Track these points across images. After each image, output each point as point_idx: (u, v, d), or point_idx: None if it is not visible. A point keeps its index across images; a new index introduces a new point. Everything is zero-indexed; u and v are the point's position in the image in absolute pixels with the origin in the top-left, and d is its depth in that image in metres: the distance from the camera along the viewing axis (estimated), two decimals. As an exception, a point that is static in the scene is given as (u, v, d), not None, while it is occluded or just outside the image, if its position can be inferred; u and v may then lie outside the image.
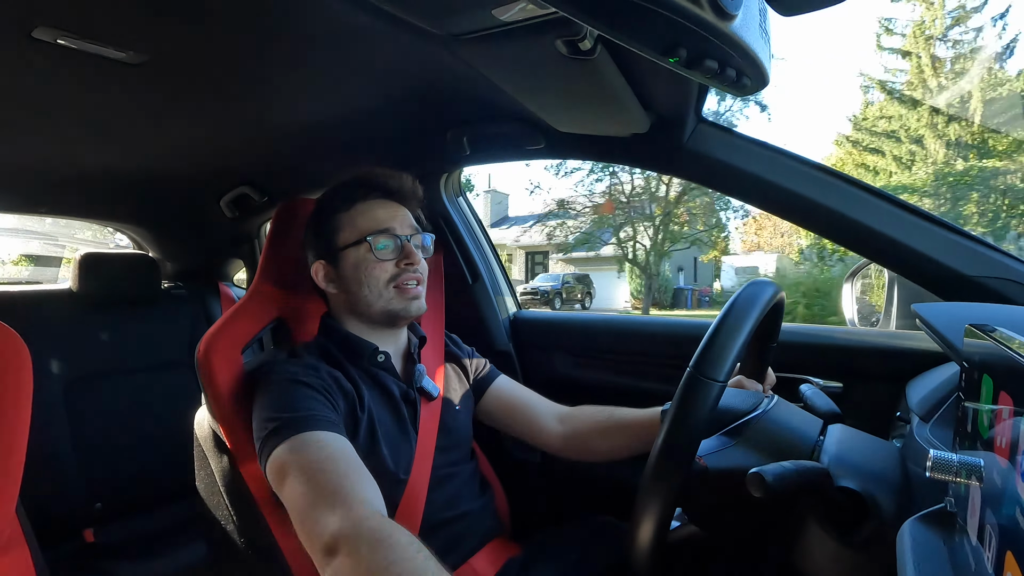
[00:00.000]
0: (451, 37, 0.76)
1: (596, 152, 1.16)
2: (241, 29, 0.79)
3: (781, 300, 0.75)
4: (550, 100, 0.96)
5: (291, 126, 1.22)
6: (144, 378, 1.68)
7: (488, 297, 1.45)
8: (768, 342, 0.85)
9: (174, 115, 1.14)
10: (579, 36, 0.70)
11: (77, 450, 1.51)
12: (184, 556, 1.46)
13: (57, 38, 0.76)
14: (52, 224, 4.39)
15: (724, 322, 0.62)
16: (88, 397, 1.56)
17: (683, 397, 0.59)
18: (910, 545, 0.43)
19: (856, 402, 1.01)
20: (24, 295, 1.63)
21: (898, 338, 1.02)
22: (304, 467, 0.70)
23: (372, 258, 0.90)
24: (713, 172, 1.03)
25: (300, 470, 0.70)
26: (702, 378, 0.59)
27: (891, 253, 0.93)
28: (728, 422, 0.68)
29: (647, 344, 1.29)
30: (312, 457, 0.71)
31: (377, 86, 1.02)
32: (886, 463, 0.63)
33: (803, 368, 1.07)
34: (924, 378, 0.86)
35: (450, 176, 1.41)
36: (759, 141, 1.01)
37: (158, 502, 1.63)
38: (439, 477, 0.92)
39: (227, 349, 0.91)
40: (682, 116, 0.98)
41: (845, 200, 0.94)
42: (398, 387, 0.93)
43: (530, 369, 1.44)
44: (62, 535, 1.48)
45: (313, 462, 0.70)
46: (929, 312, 0.74)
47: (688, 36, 0.51)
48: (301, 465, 0.70)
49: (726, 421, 0.68)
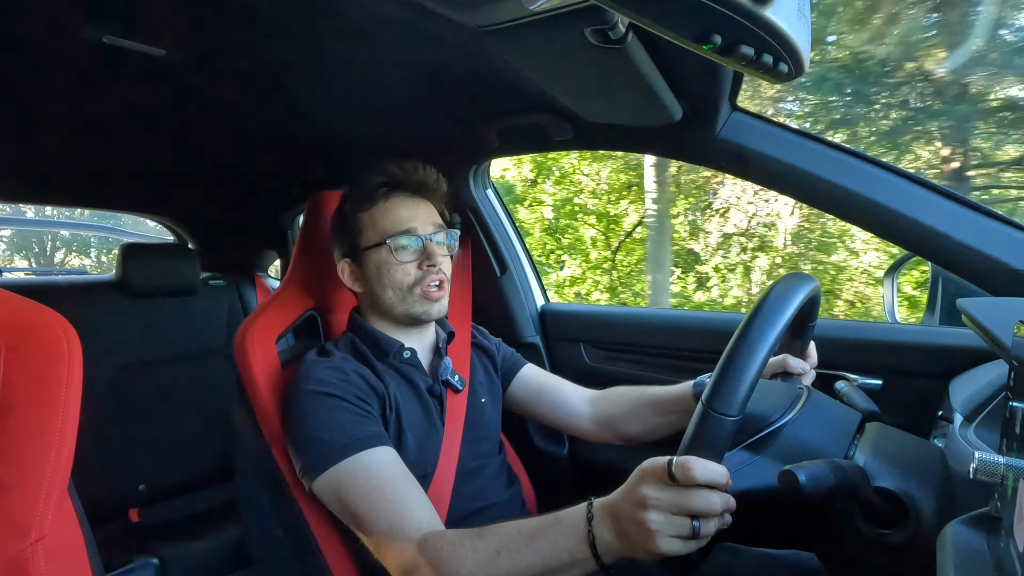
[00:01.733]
0: (480, 28, 0.75)
1: (626, 142, 1.14)
2: (276, 24, 0.81)
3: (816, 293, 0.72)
4: (580, 90, 0.95)
5: (324, 119, 1.24)
6: (185, 366, 1.74)
7: (516, 289, 1.45)
8: (807, 322, 0.82)
9: (211, 110, 1.17)
10: (609, 24, 0.69)
11: (122, 435, 1.58)
12: (222, 537, 1.52)
13: (103, 37, 0.78)
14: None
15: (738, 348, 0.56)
16: (132, 384, 1.62)
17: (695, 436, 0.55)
18: (952, 549, 0.41)
19: (895, 400, 0.98)
20: (71, 285, 1.71)
21: (942, 334, 0.98)
22: (352, 504, 0.74)
23: (393, 261, 0.89)
24: (747, 162, 1.00)
25: (348, 506, 0.74)
26: (714, 414, 0.54)
27: (936, 246, 0.89)
28: (753, 431, 0.65)
29: (677, 338, 1.27)
30: (357, 492, 0.74)
31: (408, 79, 1.03)
32: (927, 464, 0.61)
33: (840, 364, 1.04)
34: (969, 376, 0.83)
35: (479, 168, 1.41)
36: (797, 130, 0.98)
37: (198, 485, 1.69)
38: (466, 469, 0.92)
39: (262, 339, 0.93)
40: (715, 105, 0.96)
41: (887, 190, 0.91)
42: (424, 381, 0.94)
43: (558, 362, 1.44)
44: (110, 514, 1.55)
45: (360, 499, 0.73)
46: (976, 307, 0.70)
47: (723, 22, 0.50)
48: (348, 501, 0.74)
49: (751, 430, 0.65)
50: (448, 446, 0.92)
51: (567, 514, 0.61)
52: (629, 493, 0.56)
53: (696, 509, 0.53)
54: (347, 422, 0.79)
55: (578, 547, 0.59)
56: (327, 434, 0.77)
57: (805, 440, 0.64)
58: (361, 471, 0.74)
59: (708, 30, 0.52)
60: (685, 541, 0.53)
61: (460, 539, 0.66)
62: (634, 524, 0.54)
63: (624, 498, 0.57)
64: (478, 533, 0.65)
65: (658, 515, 0.53)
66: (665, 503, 0.53)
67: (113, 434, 1.56)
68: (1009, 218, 0.87)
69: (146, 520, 1.60)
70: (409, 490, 0.74)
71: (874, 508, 0.57)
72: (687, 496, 0.53)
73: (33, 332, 0.64)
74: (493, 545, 0.63)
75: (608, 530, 0.58)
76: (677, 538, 0.53)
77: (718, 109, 0.97)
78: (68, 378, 0.64)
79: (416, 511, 0.72)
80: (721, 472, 0.53)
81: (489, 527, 0.65)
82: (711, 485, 0.53)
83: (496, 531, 0.64)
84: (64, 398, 0.63)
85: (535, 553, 0.60)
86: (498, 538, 0.63)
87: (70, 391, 0.64)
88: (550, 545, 0.60)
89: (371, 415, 0.82)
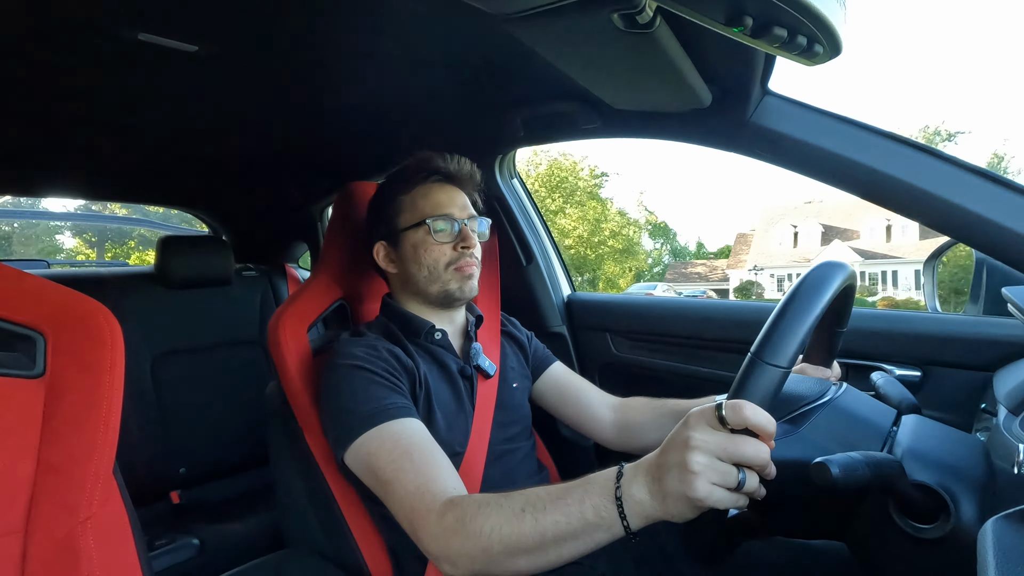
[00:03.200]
0: (505, 16, 0.75)
1: (654, 130, 1.12)
2: (304, 18, 0.82)
3: (853, 282, 0.71)
4: (606, 77, 0.94)
5: (352, 111, 1.26)
6: (220, 354, 1.80)
7: (542, 279, 1.45)
8: (836, 327, 0.80)
9: (242, 104, 1.19)
10: (637, 9, 0.68)
11: (163, 420, 1.64)
12: (259, 519, 1.57)
13: (138, 35, 0.81)
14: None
15: (791, 303, 0.57)
16: (171, 371, 1.68)
17: (741, 384, 0.55)
18: (993, 545, 0.40)
19: (935, 392, 0.95)
20: (112, 275, 1.77)
21: (985, 325, 0.94)
22: (381, 469, 0.74)
23: (431, 240, 0.93)
24: (781, 148, 0.97)
25: (378, 471, 0.74)
26: (764, 363, 0.54)
27: (980, 232, 0.85)
28: (791, 409, 0.65)
29: (705, 328, 1.25)
30: (386, 457, 0.74)
31: (434, 69, 1.03)
32: (968, 458, 0.59)
33: (877, 355, 1.01)
34: (1015, 368, 0.80)
35: (504, 157, 1.41)
36: (833, 113, 0.94)
37: (236, 469, 1.75)
38: (496, 453, 0.94)
39: (294, 328, 0.95)
40: (747, 89, 0.93)
41: (929, 174, 0.87)
42: (456, 363, 0.95)
43: (585, 351, 1.44)
44: (153, 496, 1.62)
45: (388, 463, 0.74)
46: (1022, 296, 0.67)
47: (754, 3, 0.48)
48: (377, 466, 0.74)
49: (790, 407, 0.65)
50: (479, 428, 0.93)
51: (597, 474, 0.60)
52: (674, 438, 0.54)
53: (744, 455, 0.51)
54: (377, 394, 0.81)
55: (604, 504, 0.57)
56: (357, 404, 0.79)
57: (843, 421, 0.63)
58: (389, 437, 0.76)
59: (739, 12, 0.51)
60: (726, 492, 0.51)
61: (487, 497, 0.66)
62: (676, 468, 0.52)
63: (667, 445, 0.55)
64: (506, 494, 0.65)
65: (703, 457, 0.51)
66: (712, 445, 0.51)
67: (154, 419, 1.62)
68: None
69: (186, 502, 1.67)
70: (437, 456, 0.75)
71: (911, 502, 0.55)
72: (735, 441, 0.51)
73: (78, 321, 0.67)
74: (519, 503, 0.62)
75: (641, 486, 0.55)
76: (719, 487, 0.51)
77: (750, 93, 0.94)
78: (112, 365, 0.67)
79: (443, 476, 0.72)
80: (770, 419, 0.52)
81: (518, 490, 0.65)
82: (759, 431, 0.51)
83: (525, 492, 0.64)
84: (109, 384, 0.66)
85: (560, 511, 0.59)
86: (525, 497, 0.63)
87: (114, 377, 0.66)
88: (576, 503, 0.58)
89: (401, 390, 0.84)
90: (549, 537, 0.59)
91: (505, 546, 0.60)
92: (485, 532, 0.62)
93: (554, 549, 0.59)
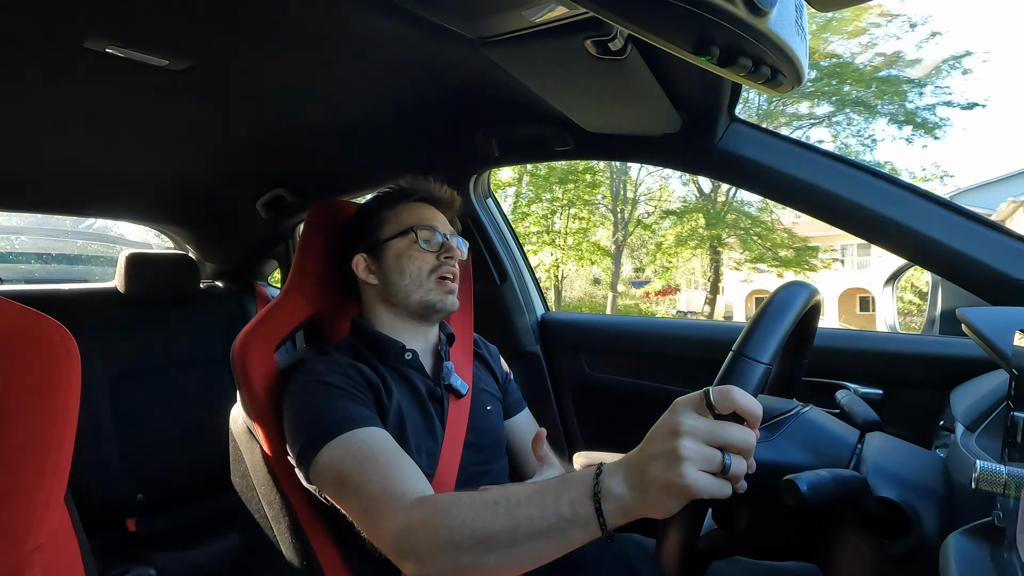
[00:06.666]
0: (481, 39, 0.76)
1: (626, 152, 1.15)
2: (276, 35, 0.81)
3: (820, 303, 0.73)
4: (579, 100, 0.96)
5: (325, 129, 1.25)
6: (184, 374, 1.74)
7: (516, 298, 1.45)
8: (799, 356, 0.82)
9: (213, 119, 1.17)
10: (609, 36, 0.70)
11: (121, 443, 1.57)
12: (220, 548, 1.51)
13: (106, 47, 0.79)
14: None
15: (771, 304, 0.60)
16: (131, 392, 1.62)
17: (725, 378, 0.56)
18: (955, 560, 0.41)
19: (897, 410, 0.98)
20: (72, 292, 1.71)
21: (942, 344, 0.98)
22: (346, 475, 0.72)
23: (416, 248, 0.95)
24: (746, 172, 1.01)
25: (344, 478, 0.72)
26: (746, 358, 0.56)
27: (935, 255, 0.89)
28: (767, 417, 0.66)
29: (677, 347, 1.27)
30: (350, 462, 0.72)
31: (408, 89, 1.03)
32: (929, 474, 0.61)
33: (840, 374, 1.03)
34: (970, 385, 0.83)
35: (479, 177, 1.42)
36: (795, 140, 0.98)
37: (196, 495, 1.68)
38: (467, 475, 0.92)
39: (261, 347, 0.93)
40: (714, 115, 0.96)
41: (885, 200, 0.91)
42: (425, 384, 0.94)
43: (558, 371, 1.44)
44: (106, 524, 1.54)
45: (353, 468, 0.72)
46: (976, 317, 0.70)
47: (721, 34, 0.50)
48: (343, 472, 0.72)
49: (765, 417, 0.66)
50: (449, 450, 0.91)
51: (576, 471, 0.59)
52: (660, 426, 0.54)
53: (731, 438, 0.51)
54: (342, 405, 0.79)
55: (580, 500, 0.55)
56: (322, 416, 0.78)
57: (813, 431, 0.64)
58: (355, 444, 0.74)
59: (707, 42, 0.52)
60: (712, 479, 0.50)
61: (458, 493, 0.64)
62: (663, 456, 0.51)
63: (652, 434, 0.54)
64: (479, 490, 0.63)
65: (691, 442, 0.50)
66: (700, 430, 0.51)
67: (112, 442, 1.55)
68: (1006, 228, 0.88)
69: (143, 529, 1.59)
70: (404, 461, 0.73)
71: (876, 519, 0.56)
72: (723, 426, 0.51)
73: (32, 340, 0.64)
74: (492, 496, 0.60)
75: (620, 480, 0.54)
76: (706, 473, 0.50)
77: (717, 120, 0.97)
78: (67, 387, 0.64)
79: (412, 477, 0.70)
80: (756, 404, 0.52)
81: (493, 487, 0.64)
82: (746, 415, 0.52)
83: (499, 487, 0.62)
84: (63, 406, 0.63)
85: (535, 505, 0.57)
86: (499, 491, 0.61)
87: (69, 400, 0.64)
88: (552, 498, 0.56)
89: (366, 403, 0.82)
90: (522, 532, 0.57)
91: (475, 540, 0.58)
92: (455, 526, 0.59)
93: (526, 546, 0.57)
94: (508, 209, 11.90)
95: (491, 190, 1.49)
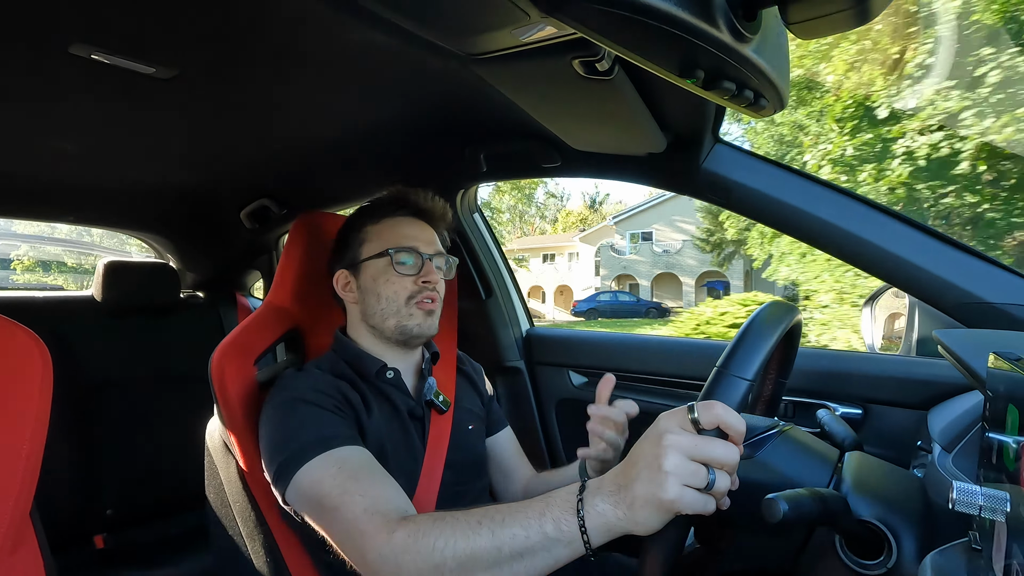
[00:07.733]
0: (471, 56, 0.77)
1: (612, 171, 1.16)
2: (264, 47, 0.81)
3: (799, 322, 0.74)
4: (567, 119, 0.97)
5: (311, 141, 1.25)
6: (160, 386, 1.70)
7: (501, 313, 1.45)
8: (780, 375, 0.83)
9: (198, 128, 1.16)
10: (597, 57, 0.71)
11: (91, 456, 1.52)
12: (192, 564, 1.46)
13: (91, 54, 0.78)
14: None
15: (754, 323, 0.61)
16: (105, 404, 1.58)
17: (709, 394, 0.57)
18: None
19: (876, 430, 0.99)
20: (48, 301, 1.67)
21: (919, 365, 0.99)
22: (325, 495, 0.70)
23: (392, 272, 0.91)
24: (729, 193, 1.02)
25: (322, 498, 0.70)
26: (730, 375, 0.56)
27: (912, 278, 0.91)
28: (747, 436, 0.66)
29: (661, 363, 1.27)
30: (330, 482, 0.70)
31: (397, 103, 1.04)
32: (907, 494, 0.61)
33: (821, 393, 1.04)
34: (947, 407, 0.84)
35: (466, 192, 1.42)
36: (777, 163, 1.00)
37: (168, 510, 1.64)
38: (448, 494, 0.91)
39: (240, 360, 0.91)
40: (699, 136, 0.98)
41: (865, 223, 0.93)
42: (406, 404, 0.92)
43: (542, 386, 1.44)
44: (73, 540, 1.49)
45: (333, 488, 0.70)
46: (952, 339, 0.72)
47: (706, 57, 0.51)
48: (322, 493, 0.70)
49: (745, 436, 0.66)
50: (430, 468, 0.90)
51: (560, 489, 0.59)
52: (644, 442, 0.54)
53: (715, 454, 0.51)
54: (321, 422, 0.77)
55: (564, 517, 0.55)
56: (299, 434, 0.76)
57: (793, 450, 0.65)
58: (335, 463, 0.72)
59: (692, 65, 0.53)
60: (696, 495, 0.51)
61: (442, 513, 0.63)
62: (647, 470, 0.51)
63: (637, 450, 0.54)
64: (463, 510, 0.62)
65: (676, 456, 0.50)
66: (684, 445, 0.51)
67: (81, 456, 1.51)
68: (981, 252, 0.90)
69: (112, 546, 1.54)
70: (386, 480, 0.72)
71: (856, 539, 0.56)
72: (707, 441, 0.51)
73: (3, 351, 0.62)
74: (476, 516, 0.60)
75: (604, 497, 0.54)
76: (690, 488, 0.50)
77: (702, 141, 0.99)
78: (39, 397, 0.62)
79: (392, 497, 0.69)
80: (740, 419, 0.52)
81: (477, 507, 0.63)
82: (730, 430, 0.52)
83: (483, 507, 0.62)
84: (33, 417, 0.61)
85: (519, 524, 0.57)
86: (483, 511, 0.60)
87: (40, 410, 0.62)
88: (536, 516, 0.56)
89: (346, 421, 0.81)
90: (506, 552, 0.56)
91: (459, 562, 0.57)
92: (439, 547, 0.59)
93: (511, 565, 0.56)
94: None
95: (478, 204, 1.49)
